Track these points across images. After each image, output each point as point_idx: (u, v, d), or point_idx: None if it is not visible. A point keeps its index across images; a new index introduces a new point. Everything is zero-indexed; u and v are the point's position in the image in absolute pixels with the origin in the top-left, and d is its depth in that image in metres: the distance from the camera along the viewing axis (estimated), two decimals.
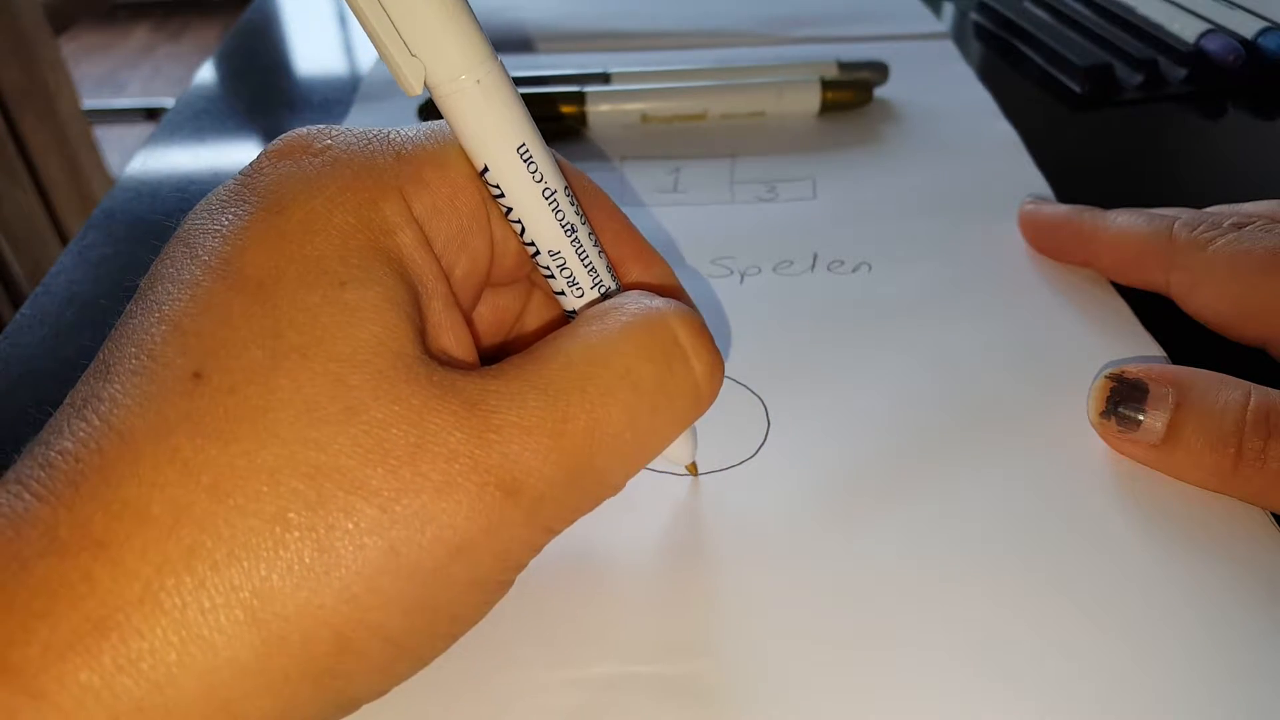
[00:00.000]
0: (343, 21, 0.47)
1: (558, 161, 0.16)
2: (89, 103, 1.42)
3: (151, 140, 0.36)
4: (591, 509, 0.15)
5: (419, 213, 0.15)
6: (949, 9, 0.45)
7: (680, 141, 0.33)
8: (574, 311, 0.16)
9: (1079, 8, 0.41)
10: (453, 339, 0.15)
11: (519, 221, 0.15)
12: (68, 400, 0.13)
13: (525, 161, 0.15)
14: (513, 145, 0.15)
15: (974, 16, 0.43)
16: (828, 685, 0.16)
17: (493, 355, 0.17)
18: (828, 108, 0.34)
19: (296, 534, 0.12)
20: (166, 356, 0.12)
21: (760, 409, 0.22)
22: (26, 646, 0.11)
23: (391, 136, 0.15)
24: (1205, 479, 0.19)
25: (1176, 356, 0.22)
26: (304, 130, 0.15)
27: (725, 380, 0.23)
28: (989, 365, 0.23)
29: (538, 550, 0.14)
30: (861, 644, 0.16)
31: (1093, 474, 0.20)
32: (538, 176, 0.15)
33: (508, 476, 0.13)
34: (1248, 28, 0.37)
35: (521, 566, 0.14)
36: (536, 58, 0.39)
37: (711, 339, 0.15)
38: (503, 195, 0.15)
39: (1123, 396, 0.19)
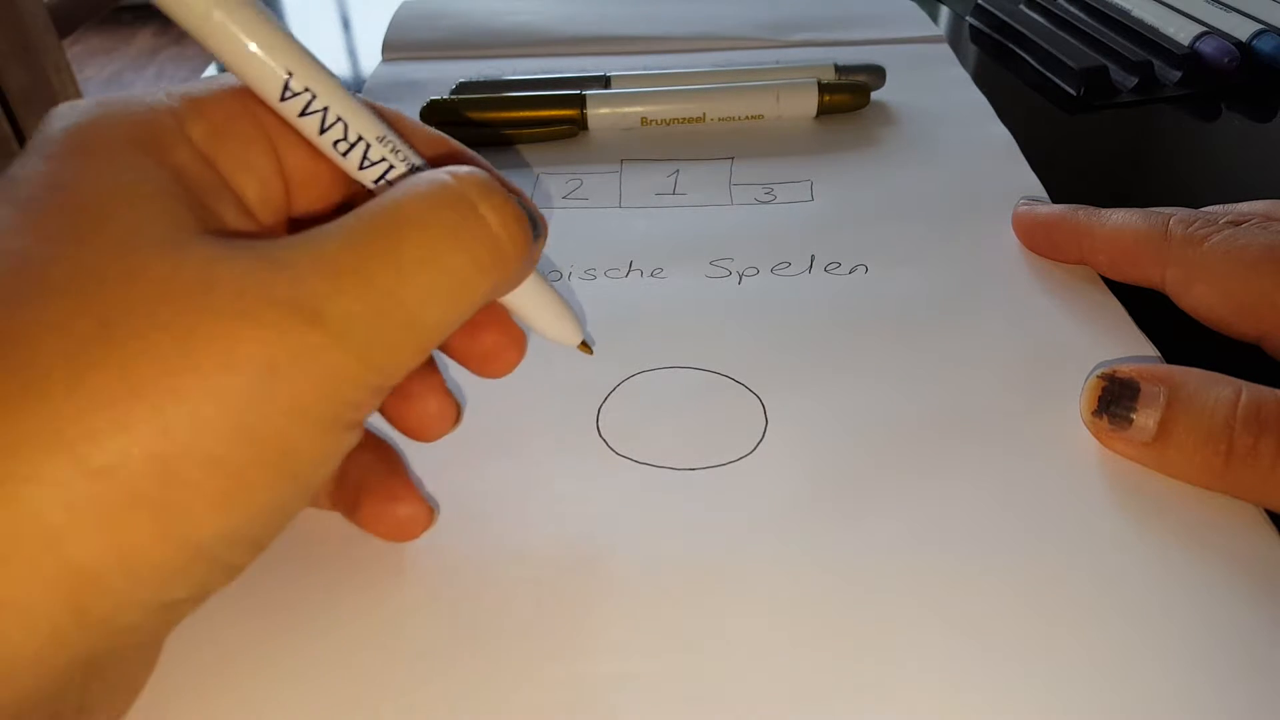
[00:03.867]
0: (346, 25, 0.48)
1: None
2: None
3: None
4: (417, 352, 0.15)
5: (196, 136, 0.16)
6: (945, 13, 0.45)
7: (679, 144, 0.33)
8: None
9: (1074, 11, 0.41)
10: None
11: (339, 119, 0.15)
12: None
13: (320, 64, 0.15)
14: (304, 50, 0.15)
15: (970, 20, 0.44)
16: (826, 683, 0.16)
17: None
18: (825, 111, 0.34)
19: (96, 372, 0.12)
20: None
21: (758, 407, 0.22)
22: None
23: (166, 88, 0.16)
24: (1197, 476, 0.19)
25: (1170, 355, 0.23)
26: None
27: (723, 379, 0.23)
28: (984, 365, 0.23)
29: (375, 391, 0.15)
30: (859, 642, 0.17)
31: (1086, 472, 0.20)
32: (333, 75, 0.16)
33: (305, 305, 0.13)
34: (1242, 30, 0.37)
35: (359, 407, 0.14)
36: (538, 61, 0.40)
37: (507, 197, 0.16)
38: (312, 95, 0.15)
39: (1114, 396, 0.20)
